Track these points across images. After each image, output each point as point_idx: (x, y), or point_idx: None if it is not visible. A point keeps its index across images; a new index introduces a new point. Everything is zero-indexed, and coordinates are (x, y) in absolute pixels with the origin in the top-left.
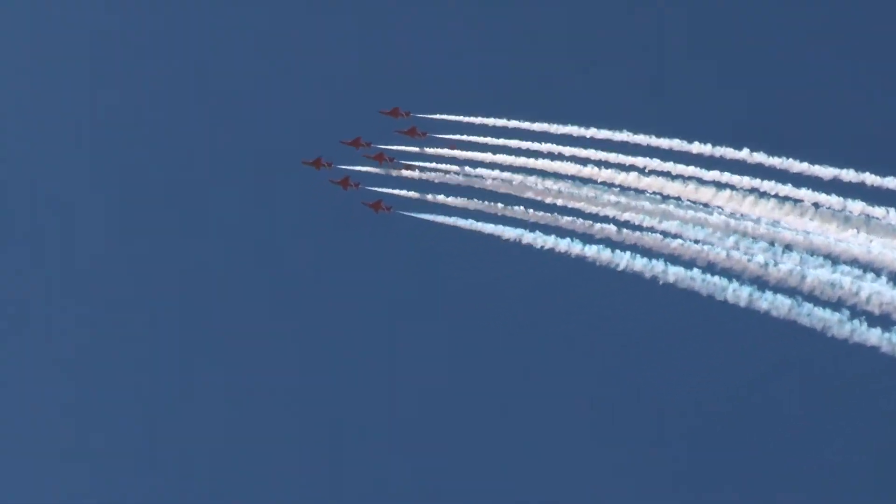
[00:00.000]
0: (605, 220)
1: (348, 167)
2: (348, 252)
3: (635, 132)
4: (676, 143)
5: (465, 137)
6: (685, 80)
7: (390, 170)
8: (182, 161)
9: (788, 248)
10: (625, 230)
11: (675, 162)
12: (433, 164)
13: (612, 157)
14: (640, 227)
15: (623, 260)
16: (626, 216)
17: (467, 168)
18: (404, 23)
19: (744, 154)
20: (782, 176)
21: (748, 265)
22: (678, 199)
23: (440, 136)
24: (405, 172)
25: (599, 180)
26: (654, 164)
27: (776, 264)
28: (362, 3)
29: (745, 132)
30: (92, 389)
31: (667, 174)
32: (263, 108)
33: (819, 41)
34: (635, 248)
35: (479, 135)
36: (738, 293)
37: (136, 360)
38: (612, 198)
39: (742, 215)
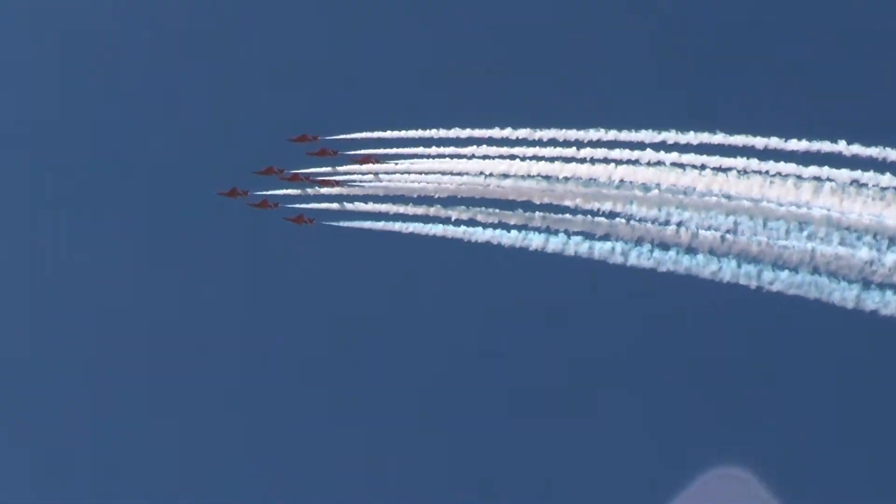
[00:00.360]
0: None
1: (265, 192)
2: (280, 268)
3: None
4: (774, 142)
5: (379, 151)
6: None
7: (307, 188)
8: (97, 209)
9: (893, 240)
10: (729, 236)
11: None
12: (351, 177)
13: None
14: (741, 233)
15: (728, 270)
16: (730, 221)
17: (383, 175)
18: (295, 48)
19: (840, 146)
20: (880, 166)
21: (853, 261)
22: (777, 199)
23: (352, 152)
24: (323, 190)
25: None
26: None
27: (881, 259)
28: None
29: (838, 125)
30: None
31: (765, 173)
32: (168, 147)
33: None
34: (741, 256)
35: (393, 147)
36: (846, 294)
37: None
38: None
39: (844, 210)
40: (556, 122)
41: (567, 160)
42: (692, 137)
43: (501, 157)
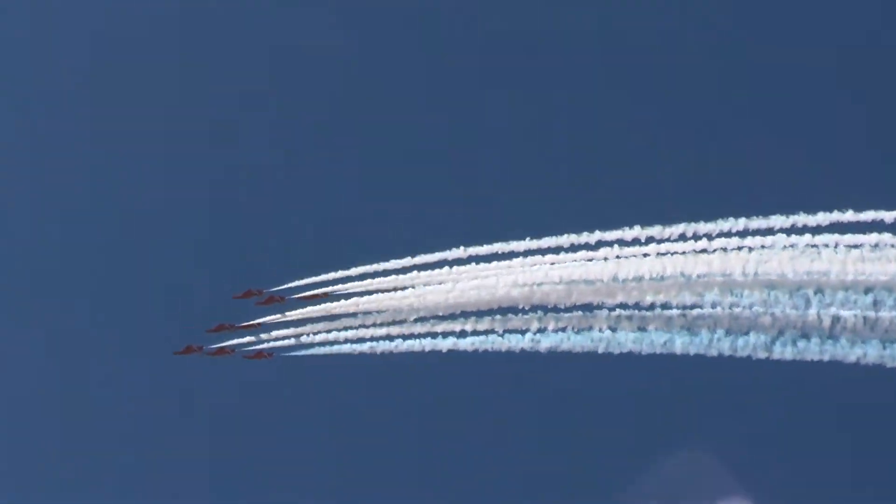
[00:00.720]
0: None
1: (220, 344)
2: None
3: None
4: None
5: (325, 290)
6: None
7: (260, 334)
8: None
9: None
10: (871, 314)
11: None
12: (302, 315)
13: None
14: (881, 310)
15: (872, 353)
16: (869, 299)
17: (335, 307)
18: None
19: None
20: None
21: None
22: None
23: (298, 296)
24: (275, 333)
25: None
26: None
27: None
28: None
29: None
30: None
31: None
32: (111, 315)
33: None
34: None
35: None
36: None
37: None
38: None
39: None
40: (684, 216)
41: (699, 253)
42: (822, 218)
43: (634, 256)
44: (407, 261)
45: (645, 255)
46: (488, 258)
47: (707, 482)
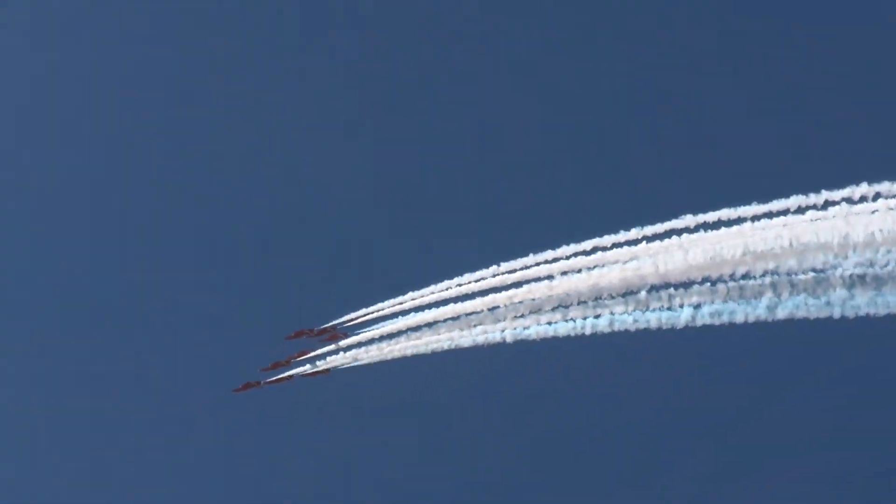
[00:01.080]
0: None
1: (277, 376)
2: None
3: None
4: None
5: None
6: None
7: (318, 361)
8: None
9: None
10: None
11: None
12: (358, 339)
13: None
14: None
15: None
16: None
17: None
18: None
19: None
20: None
21: None
22: None
23: (350, 322)
24: (332, 359)
25: None
26: None
27: None
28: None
29: None
30: None
31: None
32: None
33: None
34: None
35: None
36: None
37: None
38: None
39: None
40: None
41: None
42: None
43: (864, 213)
44: (636, 232)
45: (874, 212)
46: (716, 225)
47: None
